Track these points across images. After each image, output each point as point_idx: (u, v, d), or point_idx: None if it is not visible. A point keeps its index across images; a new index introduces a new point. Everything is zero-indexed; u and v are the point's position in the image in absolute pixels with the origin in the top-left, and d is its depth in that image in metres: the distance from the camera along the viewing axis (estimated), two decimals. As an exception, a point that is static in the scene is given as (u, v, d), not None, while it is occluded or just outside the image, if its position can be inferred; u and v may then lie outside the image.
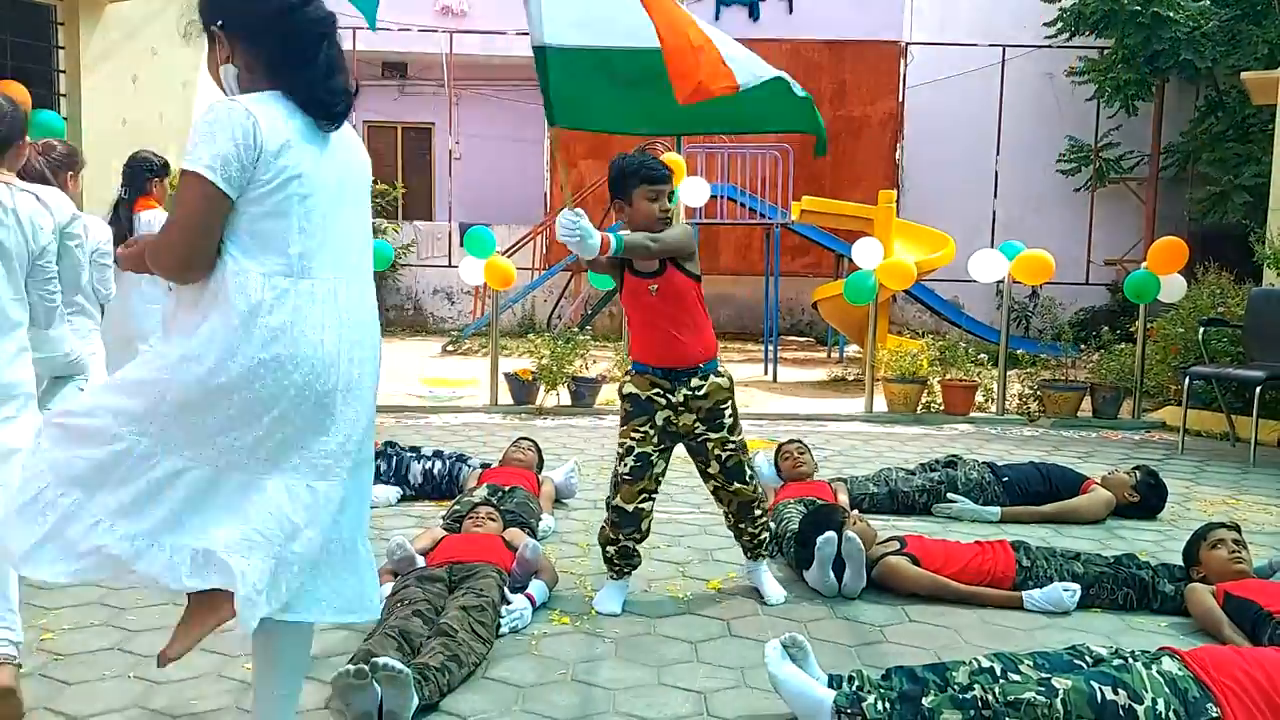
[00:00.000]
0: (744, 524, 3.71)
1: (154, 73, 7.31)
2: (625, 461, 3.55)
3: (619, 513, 3.56)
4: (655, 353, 3.56)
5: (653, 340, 3.56)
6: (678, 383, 3.53)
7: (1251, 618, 3.27)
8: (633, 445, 3.54)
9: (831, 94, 14.70)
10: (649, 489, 3.57)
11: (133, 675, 2.94)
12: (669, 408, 3.54)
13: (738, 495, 3.65)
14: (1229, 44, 12.39)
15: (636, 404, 3.56)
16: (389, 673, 2.56)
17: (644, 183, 3.45)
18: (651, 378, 3.55)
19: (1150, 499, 5.03)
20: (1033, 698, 2.51)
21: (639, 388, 3.56)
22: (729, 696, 2.89)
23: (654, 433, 3.54)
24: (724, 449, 3.59)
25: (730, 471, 3.62)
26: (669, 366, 3.54)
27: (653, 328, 3.56)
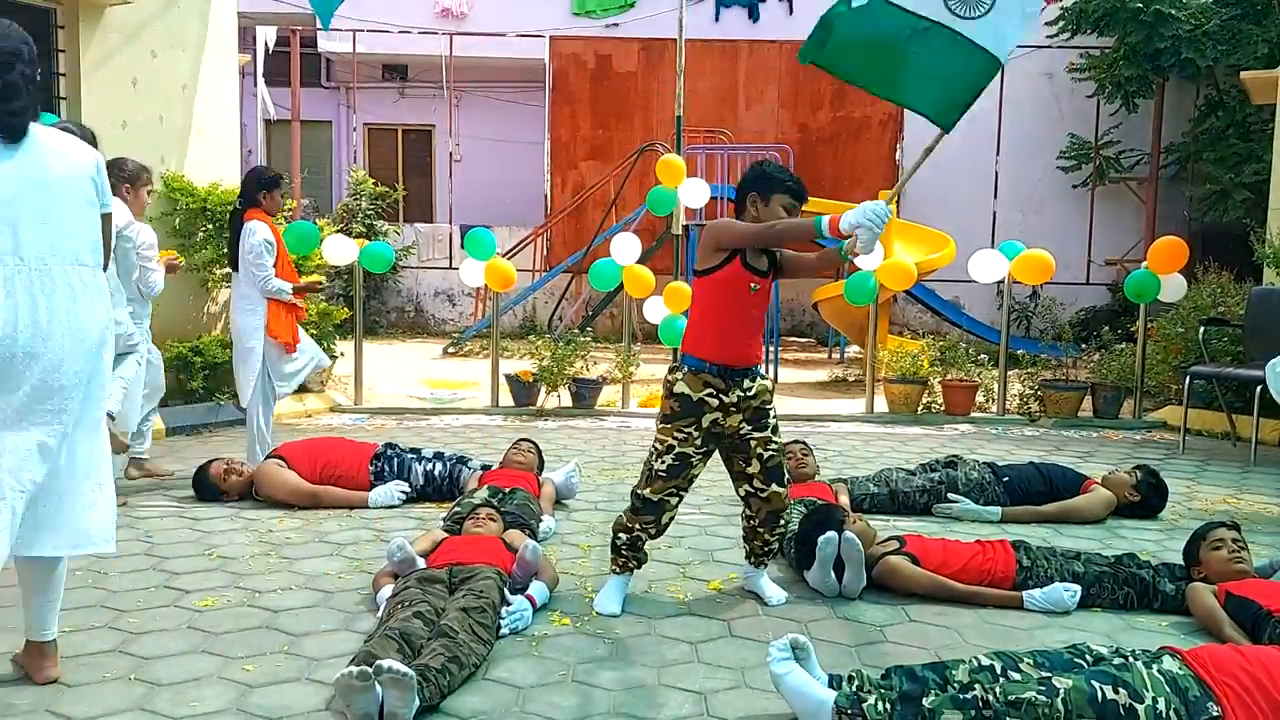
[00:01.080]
0: (764, 530, 3.68)
1: (154, 76, 7.30)
2: (663, 459, 3.51)
3: (643, 501, 3.54)
4: (729, 351, 3.51)
5: (733, 338, 3.52)
6: (732, 383, 3.51)
7: (1252, 617, 3.27)
8: (674, 444, 3.50)
9: (832, 95, 14.70)
10: (681, 488, 3.57)
11: (133, 677, 2.94)
12: (720, 409, 3.50)
13: (771, 501, 3.62)
14: (1230, 43, 12.38)
15: (686, 405, 3.50)
16: (392, 675, 2.57)
17: (788, 194, 3.53)
18: (707, 377, 3.49)
19: (1151, 498, 5.03)
20: (1033, 697, 2.51)
21: (691, 388, 3.49)
22: (729, 697, 2.89)
23: (698, 435, 3.51)
24: (767, 448, 3.58)
25: (771, 471, 3.60)
26: (733, 366, 3.51)
27: (739, 325, 3.53)
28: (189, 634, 3.29)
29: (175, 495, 5.16)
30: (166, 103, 7.42)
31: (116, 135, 7.02)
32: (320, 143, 17.66)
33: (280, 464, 4.99)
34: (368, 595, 3.63)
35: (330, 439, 5.52)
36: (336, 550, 4.25)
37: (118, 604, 3.56)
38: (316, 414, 7.90)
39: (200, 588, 3.75)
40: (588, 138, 15.04)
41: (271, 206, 5.53)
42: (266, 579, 3.86)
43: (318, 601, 3.62)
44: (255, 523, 4.65)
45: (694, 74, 13.21)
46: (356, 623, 3.41)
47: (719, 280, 3.52)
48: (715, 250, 3.50)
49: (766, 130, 14.57)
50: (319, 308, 8.29)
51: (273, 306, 5.45)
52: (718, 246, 3.49)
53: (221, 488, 5.00)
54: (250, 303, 5.44)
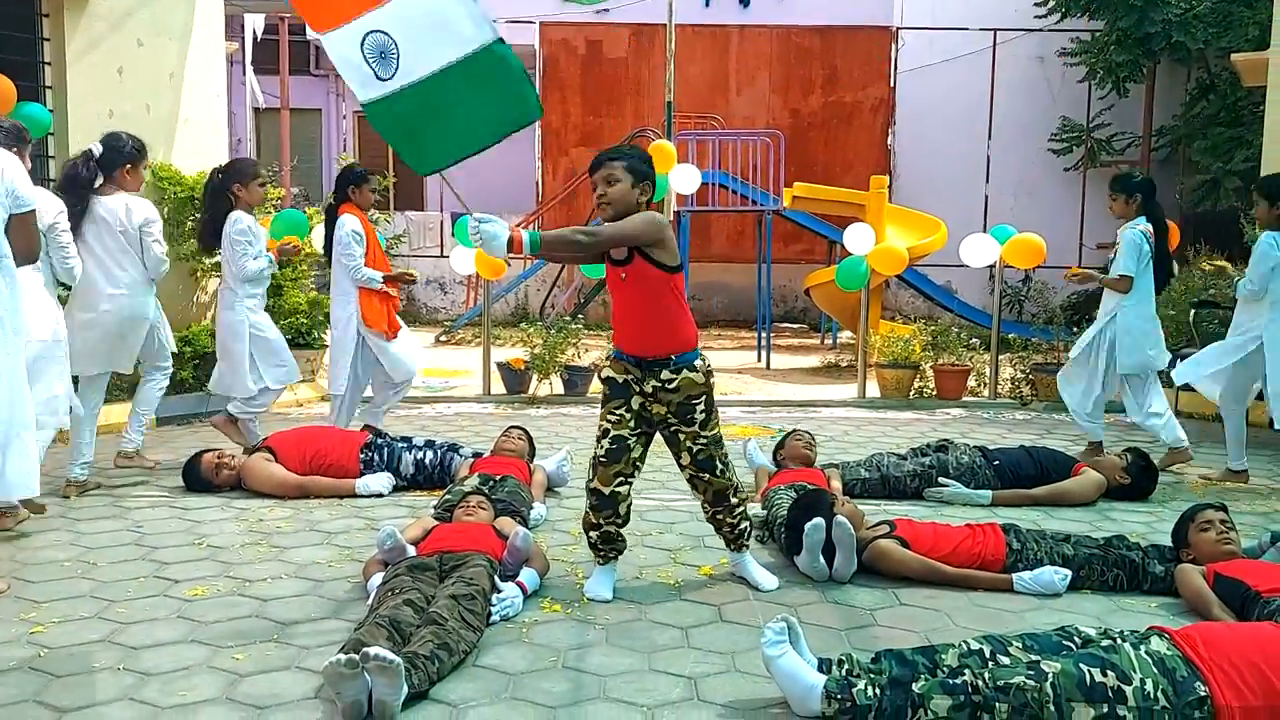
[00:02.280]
0: (721, 513, 3.69)
1: (141, 64, 7.24)
2: (602, 444, 3.56)
3: (597, 495, 3.57)
4: (628, 341, 3.57)
5: (625, 328, 3.58)
6: (647, 373, 3.52)
7: (1241, 597, 3.28)
8: (609, 428, 3.55)
9: (823, 80, 14.66)
10: (625, 473, 3.56)
11: (122, 667, 2.93)
12: (642, 395, 3.54)
13: (711, 485, 3.64)
14: (1220, 26, 12.37)
15: (614, 387, 3.57)
16: (379, 662, 2.56)
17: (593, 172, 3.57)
18: (625, 364, 3.56)
19: (1141, 481, 5.05)
20: (1022, 682, 2.51)
21: (615, 372, 3.58)
22: (719, 681, 2.90)
23: (630, 416, 3.54)
24: (695, 442, 3.58)
25: (700, 464, 3.61)
26: (639, 355, 3.54)
27: (625, 316, 3.57)
28: (178, 623, 3.29)
29: (165, 485, 5.15)
30: (153, 91, 7.37)
31: (103, 124, 6.96)
32: (309, 131, 17.58)
33: (268, 457, 4.97)
34: (358, 583, 3.63)
35: (320, 428, 5.51)
36: (327, 539, 4.25)
37: (107, 594, 3.55)
38: (308, 403, 7.88)
39: (190, 577, 3.74)
40: (579, 124, 14.99)
41: (362, 201, 5.74)
42: (256, 568, 3.85)
43: (308, 590, 3.62)
44: (246, 512, 4.64)
45: (684, 59, 13.17)
46: (347, 611, 3.40)
47: (608, 280, 3.63)
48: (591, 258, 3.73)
49: (757, 115, 14.53)
50: (309, 297, 8.27)
51: (365, 296, 5.63)
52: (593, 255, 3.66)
53: (214, 481, 4.99)
54: (343, 294, 5.67)
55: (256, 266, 5.46)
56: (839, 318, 11.31)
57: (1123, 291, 5.66)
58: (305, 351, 8.19)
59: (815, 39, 14.83)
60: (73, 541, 4.18)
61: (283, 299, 8.00)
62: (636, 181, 3.50)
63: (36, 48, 6.81)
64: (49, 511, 4.58)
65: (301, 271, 8.33)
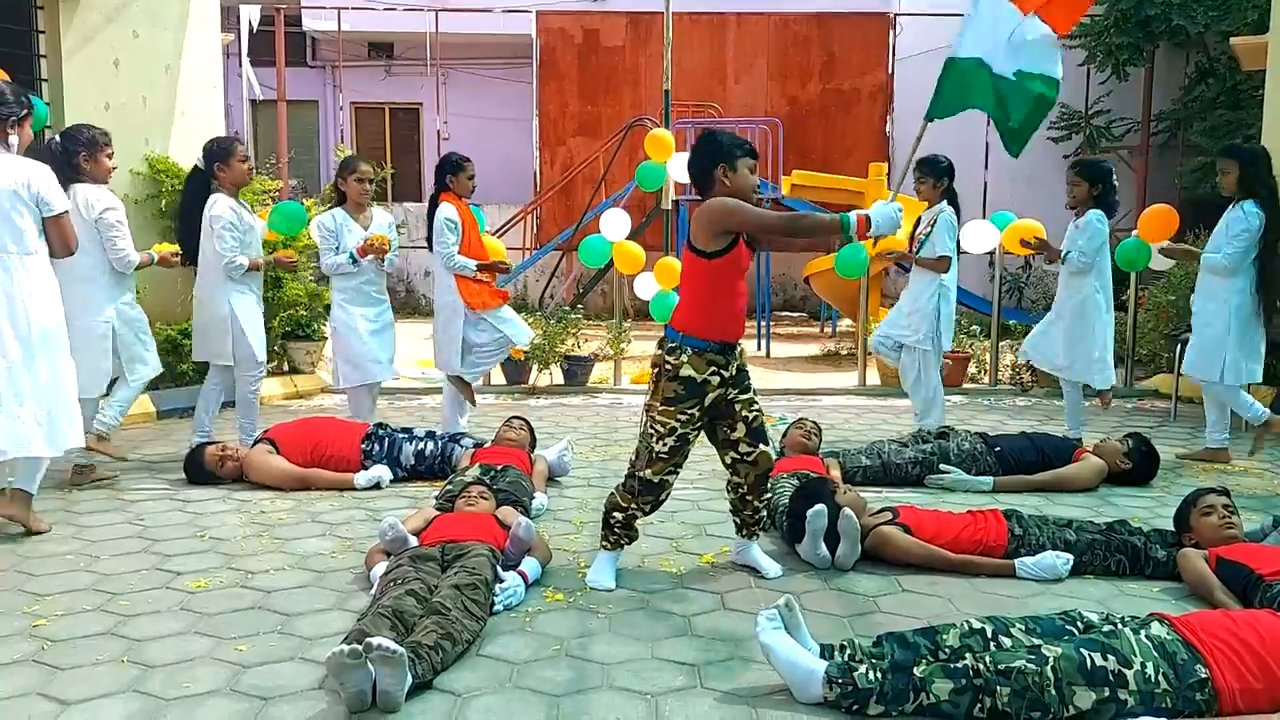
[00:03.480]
0: (753, 497, 3.68)
1: (136, 56, 7.22)
2: (665, 441, 3.50)
3: (643, 483, 3.54)
4: (731, 328, 3.53)
5: (733, 315, 3.53)
6: (730, 356, 3.53)
7: (1243, 581, 3.28)
8: (676, 427, 3.48)
9: (821, 67, 14.62)
10: (679, 465, 3.58)
11: (126, 660, 2.93)
12: (721, 385, 3.50)
13: (759, 464, 3.62)
14: (1220, 9, 12.32)
15: (690, 387, 3.47)
16: (383, 652, 2.56)
17: (749, 156, 3.55)
18: (710, 355, 3.48)
19: (1143, 466, 5.05)
20: (1023, 665, 2.52)
21: (697, 370, 3.46)
22: (722, 669, 2.90)
23: (700, 415, 3.51)
24: (750, 409, 3.59)
25: (755, 432, 3.60)
26: (732, 341, 3.53)
27: (733, 301, 3.53)
28: (181, 616, 3.29)
29: (167, 478, 5.15)
30: (149, 83, 7.35)
31: (99, 117, 6.94)
32: (306, 122, 17.54)
33: (269, 449, 4.97)
34: (360, 574, 3.63)
35: (321, 419, 5.50)
36: (329, 530, 4.25)
37: (109, 587, 3.55)
38: (309, 394, 7.88)
39: (192, 569, 3.74)
40: (576, 114, 14.96)
41: (459, 188, 5.76)
42: (259, 560, 3.85)
43: (310, 581, 3.62)
44: (247, 504, 4.64)
45: (682, 48, 13.13)
46: (349, 602, 3.40)
47: (724, 264, 3.47)
48: (723, 233, 3.45)
49: (756, 103, 14.50)
50: (308, 289, 8.25)
51: (463, 283, 5.69)
52: (726, 229, 3.44)
53: (217, 473, 4.99)
54: (443, 280, 5.77)
55: (337, 260, 5.56)
56: (839, 306, 11.30)
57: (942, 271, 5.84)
58: (305, 344, 8.19)
59: (813, 26, 14.79)
60: (75, 535, 4.18)
61: (282, 291, 7.98)
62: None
63: (31, 40, 6.79)
64: (50, 506, 4.59)
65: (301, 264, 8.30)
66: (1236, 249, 5.34)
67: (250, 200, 7.61)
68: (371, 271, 5.69)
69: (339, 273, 5.62)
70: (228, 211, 5.32)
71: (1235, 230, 5.36)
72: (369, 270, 5.67)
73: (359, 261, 5.58)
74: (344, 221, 5.64)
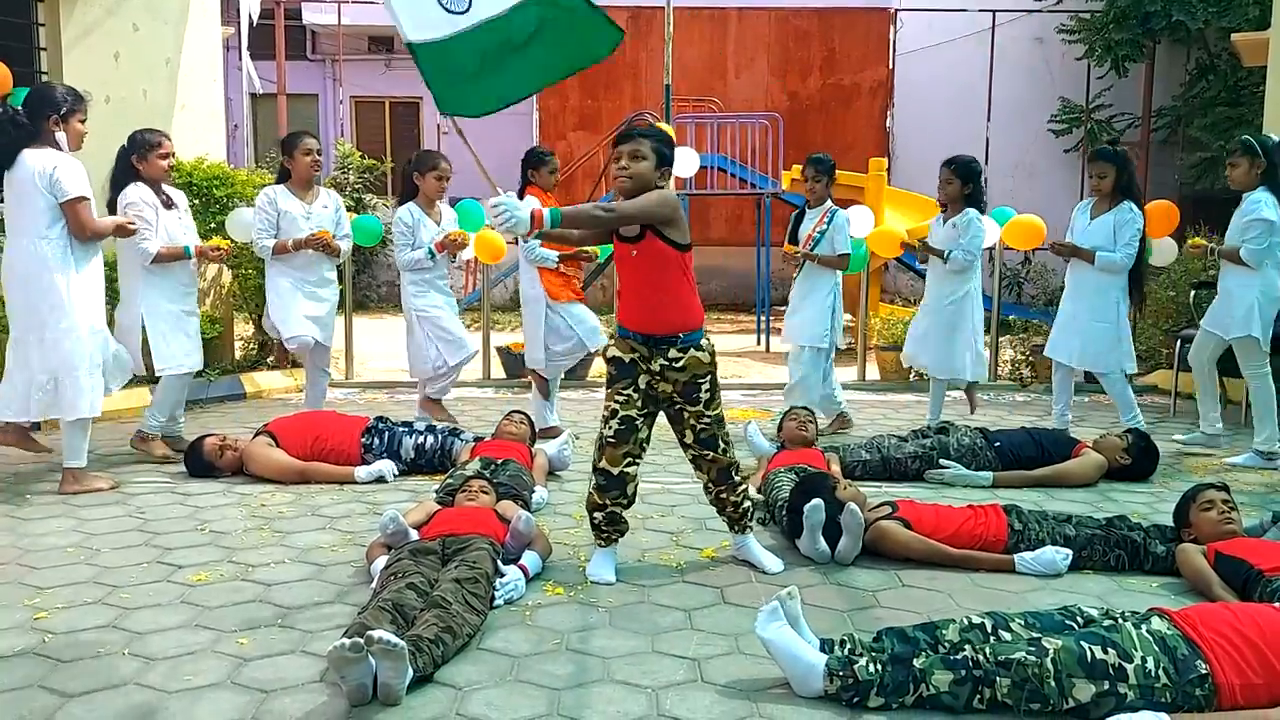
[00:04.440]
0: (724, 491, 3.69)
1: (137, 49, 7.20)
2: (610, 424, 3.55)
3: (605, 476, 3.56)
4: (635, 318, 3.55)
5: (633, 305, 3.56)
6: (655, 351, 3.51)
7: (1243, 576, 3.28)
8: (616, 408, 3.54)
9: (821, 61, 14.61)
10: (633, 453, 3.57)
11: (126, 652, 2.93)
12: (649, 375, 3.54)
13: (714, 463, 3.65)
14: (1221, 5, 12.31)
15: (620, 367, 3.55)
16: (384, 646, 2.56)
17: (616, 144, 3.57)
18: (632, 343, 3.54)
19: (1142, 461, 5.05)
20: (1023, 657, 2.53)
21: (621, 351, 3.56)
22: (723, 663, 2.90)
23: (637, 396, 3.53)
24: (699, 421, 3.58)
25: (704, 442, 3.61)
26: (647, 333, 3.52)
27: (634, 293, 3.55)
28: (182, 608, 3.29)
29: (167, 471, 5.15)
30: (149, 76, 7.34)
31: (99, 109, 6.91)
32: (306, 116, 17.51)
33: (269, 441, 4.97)
34: (361, 568, 3.63)
35: (321, 413, 5.50)
36: (329, 524, 4.25)
37: (110, 580, 3.55)
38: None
39: (193, 563, 3.74)
40: (576, 108, 14.95)
41: (542, 181, 5.89)
42: (259, 553, 3.86)
43: (311, 575, 3.62)
44: (248, 497, 4.65)
45: (682, 42, 13.11)
46: (350, 595, 3.41)
47: (615, 257, 3.62)
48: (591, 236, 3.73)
49: (756, 98, 14.49)
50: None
51: (546, 275, 5.79)
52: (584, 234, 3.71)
53: (217, 464, 4.99)
54: (528, 274, 5.92)
55: (415, 256, 5.66)
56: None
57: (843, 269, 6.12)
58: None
59: (814, 21, 14.77)
60: (75, 528, 4.18)
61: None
62: (659, 164, 3.49)
63: (32, 33, 6.78)
64: (50, 499, 4.60)
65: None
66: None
67: (250, 195, 7.62)
68: (443, 265, 5.83)
69: (416, 268, 5.65)
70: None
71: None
72: (444, 264, 5.79)
73: (436, 256, 5.61)
74: (420, 217, 5.74)
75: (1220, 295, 5.65)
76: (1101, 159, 5.70)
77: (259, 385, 7.61)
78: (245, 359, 8.14)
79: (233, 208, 7.13)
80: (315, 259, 5.70)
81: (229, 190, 7.48)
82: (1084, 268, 5.71)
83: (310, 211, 5.67)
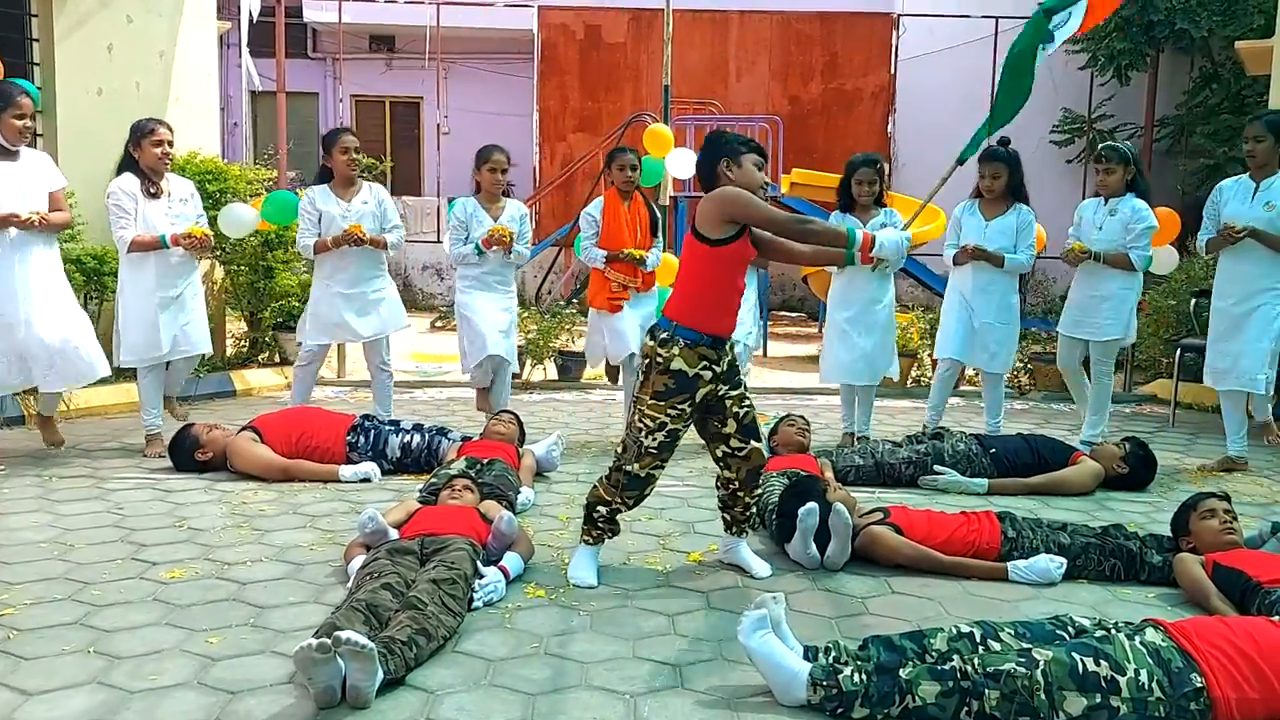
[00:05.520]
0: (744, 493, 3.60)
1: (130, 41, 7.13)
2: (655, 436, 3.42)
3: (630, 477, 3.46)
4: (715, 321, 3.43)
5: (728, 309, 3.46)
6: (722, 351, 3.45)
7: (1241, 588, 3.20)
8: (665, 422, 3.41)
9: (823, 66, 14.55)
10: (666, 460, 3.52)
11: (92, 650, 2.85)
12: (713, 380, 3.44)
13: (750, 459, 3.54)
14: (1225, 14, 12.24)
15: (682, 381, 3.39)
16: (352, 647, 2.49)
17: (755, 153, 3.49)
18: (703, 349, 3.40)
19: (1140, 471, 4.97)
20: (1013, 669, 2.44)
21: (689, 363, 3.39)
22: (705, 669, 2.82)
23: (691, 410, 3.43)
24: (741, 405, 3.51)
25: (747, 428, 3.53)
26: (725, 335, 3.46)
27: (733, 296, 3.46)
28: (153, 606, 3.21)
29: (149, 467, 5.08)
30: (143, 69, 7.28)
31: (92, 102, 6.89)
32: (306, 114, 17.46)
33: (254, 437, 4.90)
34: (339, 567, 3.55)
35: (307, 409, 5.43)
36: (309, 522, 4.17)
37: (81, 576, 3.47)
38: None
39: (168, 559, 3.66)
40: (577, 109, 14.89)
41: (617, 179, 5.73)
42: (237, 551, 3.78)
43: (288, 574, 3.54)
44: (229, 495, 4.57)
45: (684, 44, 13.06)
46: (326, 595, 3.33)
47: (728, 253, 3.41)
48: (729, 222, 3.37)
49: (757, 102, 14.42)
50: (299, 280, 8.17)
51: (593, 275, 5.76)
52: (733, 219, 3.36)
53: (202, 440, 4.92)
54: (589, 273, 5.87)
55: (462, 251, 5.56)
56: (837, 306, 11.21)
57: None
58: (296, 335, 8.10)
59: (816, 25, 14.71)
60: (51, 523, 4.10)
61: (274, 282, 7.92)
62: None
63: (24, 23, 6.72)
64: (29, 493, 4.52)
65: (293, 254, 8.23)
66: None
67: (244, 190, 7.55)
68: (495, 263, 5.66)
69: (465, 263, 5.57)
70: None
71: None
72: (493, 261, 5.63)
73: (484, 253, 5.53)
74: (474, 211, 5.64)
75: (1098, 299, 5.70)
76: (995, 160, 5.66)
77: (249, 383, 7.53)
78: (236, 356, 8.07)
79: (225, 203, 7.06)
80: (354, 257, 5.58)
81: (222, 185, 7.41)
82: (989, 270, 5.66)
83: (349, 210, 5.58)
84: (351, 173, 5.61)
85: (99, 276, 6.46)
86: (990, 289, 5.70)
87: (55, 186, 5.11)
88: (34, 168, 5.05)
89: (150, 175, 5.25)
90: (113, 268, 6.44)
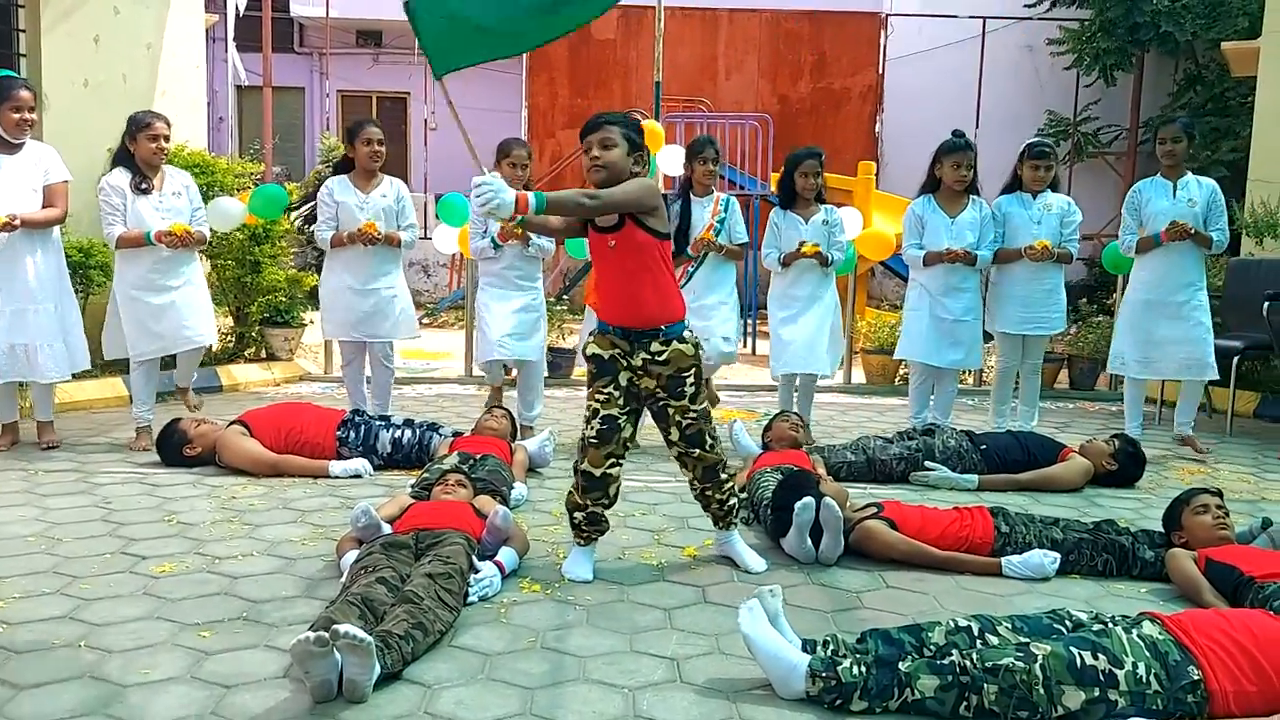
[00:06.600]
0: (710, 489, 3.60)
1: (116, 33, 7.07)
2: (592, 424, 3.43)
3: (587, 477, 3.46)
4: (615, 312, 3.43)
5: (612, 298, 3.43)
6: (637, 345, 3.40)
7: (1234, 583, 3.22)
8: (598, 407, 3.42)
9: (811, 65, 14.57)
10: (616, 453, 3.46)
11: (82, 644, 2.82)
12: (629, 370, 3.43)
13: (701, 460, 3.54)
14: (1209, 16, 12.33)
15: (600, 365, 3.43)
16: (350, 640, 2.47)
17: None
18: (612, 338, 3.42)
19: (1129, 468, 5.00)
20: (1011, 663, 2.45)
21: (601, 348, 3.43)
22: (702, 663, 2.82)
23: (619, 394, 3.41)
24: (684, 416, 3.47)
25: (690, 439, 3.50)
26: (628, 327, 3.41)
27: (613, 285, 3.42)
28: (144, 600, 3.18)
29: (137, 461, 5.03)
30: (130, 61, 7.21)
31: (78, 93, 6.83)
32: (292, 109, 17.35)
33: (243, 431, 4.86)
34: (331, 562, 3.53)
35: (296, 405, 5.39)
36: (300, 517, 4.14)
37: (71, 570, 3.44)
38: (287, 382, 7.75)
39: (158, 554, 3.63)
40: (566, 106, 14.85)
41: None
42: (227, 545, 3.75)
43: (279, 568, 3.52)
44: (219, 489, 4.53)
45: (674, 42, 13.05)
46: (318, 590, 3.30)
47: (590, 249, 3.53)
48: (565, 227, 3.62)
49: (746, 100, 14.43)
50: (286, 275, 8.13)
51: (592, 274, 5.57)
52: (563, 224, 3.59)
53: (190, 434, 4.88)
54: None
55: (480, 245, 5.48)
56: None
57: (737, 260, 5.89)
58: (283, 330, 8.06)
59: (805, 24, 14.74)
60: (38, 517, 4.06)
61: (261, 276, 7.86)
62: (631, 150, 3.40)
63: (10, 14, 6.65)
64: (15, 487, 4.48)
65: (280, 249, 8.19)
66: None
67: (230, 185, 7.49)
68: (515, 258, 5.52)
69: (484, 257, 5.53)
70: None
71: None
72: (512, 256, 5.51)
73: (501, 247, 5.46)
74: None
75: (1047, 292, 5.86)
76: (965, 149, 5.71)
77: (235, 378, 7.48)
78: (223, 351, 8.00)
79: (213, 197, 7.00)
80: (369, 252, 5.49)
81: (209, 179, 7.34)
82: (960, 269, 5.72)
83: (366, 202, 5.49)
84: (374, 165, 5.52)
85: (84, 270, 6.39)
86: (964, 286, 5.74)
87: (54, 180, 5.06)
88: (33, 161, 5.04)
89: (145, 169, 5.21)
90: (98, 261, 6.40)
